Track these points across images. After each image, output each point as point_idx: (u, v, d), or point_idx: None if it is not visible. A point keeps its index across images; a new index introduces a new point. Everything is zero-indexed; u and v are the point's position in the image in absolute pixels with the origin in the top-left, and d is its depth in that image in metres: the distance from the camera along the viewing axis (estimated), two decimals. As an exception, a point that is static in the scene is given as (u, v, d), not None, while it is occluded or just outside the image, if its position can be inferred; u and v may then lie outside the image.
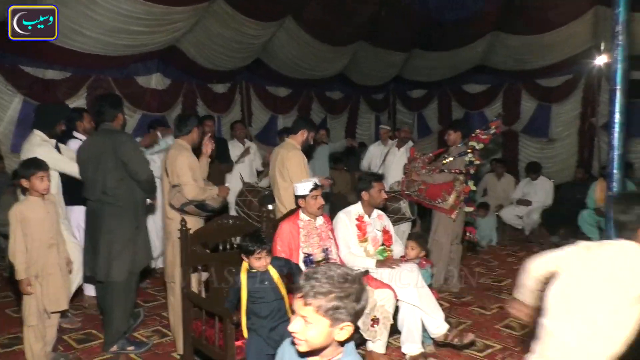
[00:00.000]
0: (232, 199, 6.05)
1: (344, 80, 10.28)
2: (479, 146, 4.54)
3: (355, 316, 1.37)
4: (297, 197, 3.36)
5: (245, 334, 2.61)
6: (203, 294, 3.11)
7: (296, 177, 3.71)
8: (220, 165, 5.87)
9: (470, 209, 4.59)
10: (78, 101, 6.87)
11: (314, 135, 4.24)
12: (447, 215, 4.67)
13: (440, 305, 4.41)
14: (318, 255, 3.30)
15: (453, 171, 4.57)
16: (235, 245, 3.20)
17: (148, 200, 3.66)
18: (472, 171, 4.59)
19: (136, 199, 3.42)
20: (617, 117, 3.57)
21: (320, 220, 3.41)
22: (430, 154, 5.00)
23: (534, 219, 6.97)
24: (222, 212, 3.98)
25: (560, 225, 7.00)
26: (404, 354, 3.36)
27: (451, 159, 4.62)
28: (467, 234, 4.64)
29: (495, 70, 9.78)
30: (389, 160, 6.22)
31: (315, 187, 3.30)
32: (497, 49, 9.08)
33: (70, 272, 3.36)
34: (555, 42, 8.25)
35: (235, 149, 6.43)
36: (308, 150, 4.34)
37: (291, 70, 8.88)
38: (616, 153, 3.59)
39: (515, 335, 3.83)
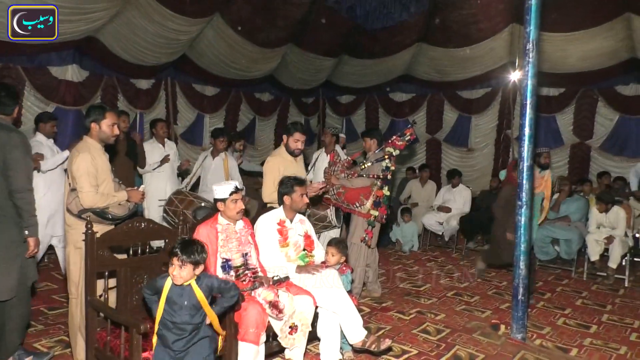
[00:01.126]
0: (152, 204, 5.78)
1: (273, 82, 10.20)
2: (395, 152, 4.65)
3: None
4: (215, 201, 3.24)
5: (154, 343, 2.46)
6: (110, 302, 2.91)
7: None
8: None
9: (375, 212, 4.66)
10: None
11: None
12: (364, 219, 4.72)
13: (361, 310, 4.49)
14: (237, 261, 3.20)
15: (371, 176, 4.64)
16: (147, 251, 3.03)
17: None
18: (388, 177, 4.68)
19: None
20: (527, 130, 3.77)
21: (240, 224, 3.31)
22: (348, 158, 5.08)
23: (452, 225, 7.24)
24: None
25: (477, 232, 7.32)
26: (322, 361, 3.33)
27: (369, 164, 4.69)
28: (364, 235, 4.71)
29: (419, 80, 10.13)
30: (318, 167, 6.20)
31: (236, 190, 3.20)
32: (421, 59, 9.40)
33: None
34: (474, 56, 8.67)
35: (155, 150, 5.94)
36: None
37: (219, 69, 8.67)
38: (525, 164, 3.79)
39: (431, 340, 3.92)
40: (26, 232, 2.97)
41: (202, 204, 4.66)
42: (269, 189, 4.18)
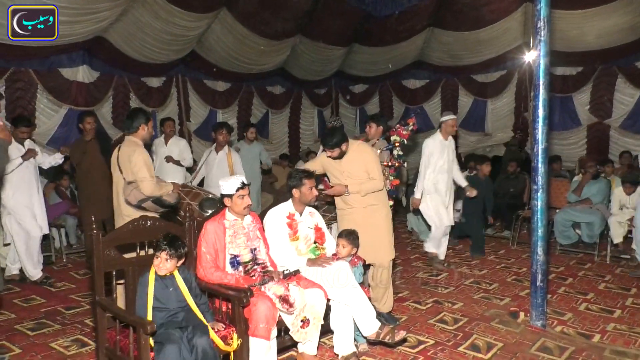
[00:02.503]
0: None
1: (285, 75, 10.14)
2: (400, 141, 4.53)
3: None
4: (222, 196, 3.20)
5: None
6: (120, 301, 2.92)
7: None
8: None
9: (390, 202, 4.57)
10: (-5, 94, 6.40)
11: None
12: None
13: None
14: (245, 256, 3.17)
15: (385, 164, 4.53)
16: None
17: None
18: (404, 165, 4.60)
19: None
20: (541, 111, 3.65)
21: (247, 219, 3.27)
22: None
23: (471, 212, 7.09)
24: (176, 208, 3.96)
25: (495, 218, 7.19)
26: (337, 354, 3.29)
27: (379, 151, 4.57)
28: None
29: (433, 66, 9.96)
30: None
31: (243, 186, 3.16)
32: (433, 45, 9.24)
33: None
34: (488, 38, 8.48)
35: (159, 148, 6.07)
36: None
37: (229, 64, 8.65)
38: (540, 147, 3.67)
39: (447, 330, 3.85)
40: None
41: (210, 195, 4.62)
42: None
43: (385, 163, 4.53)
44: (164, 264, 2.64)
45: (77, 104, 7.13)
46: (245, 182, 3.21)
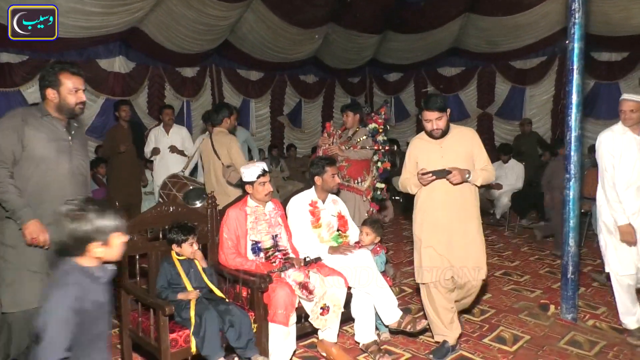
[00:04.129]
0: (157, 189, 5.72)
1: (318, 64, 10.11)
2: (383, 128, 4.55)
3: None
4: (244, 183, 3.23)
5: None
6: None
7: None
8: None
9: (382, 185, 4.53)
10: (36, 86, 6.63)
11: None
12: (362, 198, 4.50)
13: (402, 290, 4.41)
14: (266, 243, 3.20)
15: (375, 147, 4.50)
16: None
17: None
18: (388, 149, 4.61)
19: None
20: (574, 97, 3.50)
21: (269, 206, 3.30)
22: (339, 131, 4.77)
23: (504, 203, 6.92)
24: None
25: (529, 208, 6.97)
26: (358, 342, 3.28)
27: (364, 137, 4.51)
28: (371, 209, 4.54)
29: (469, 53, 9.71)
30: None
31: (263, 173, 3.18)
32: (469, 31, 8.99)
33: None
34: (527, 23, 8.18)
35: (159, 137, 5.90)
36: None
37: (262, 53, 8.69)
38: (573, 134, 3.53)
39: (473, 321, 3.77)
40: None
41: (196, 186, 4.67)
42: None
43: (376, 146, 4.50)
44: (194, 248, 2.87)
45: (114, 93, 7.33)
46: (267, 169, 3.23)
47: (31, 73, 6.55)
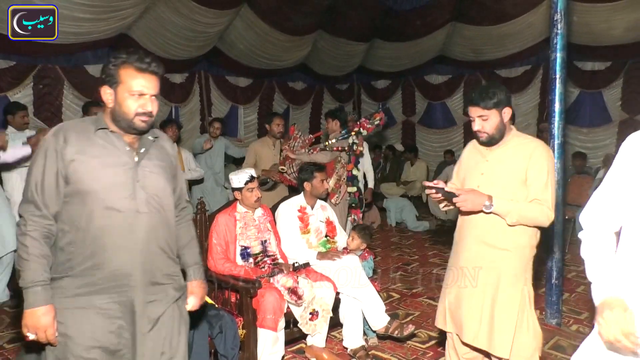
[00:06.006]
0: None
1: (306, 71, 10.15)
2: (363, 132, 4.49)
3: None
4: (233, 190, 3.26)
5: None
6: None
7: None
8: None
9: (353, 189, 4.53)
10: (24, 91, 6.61)
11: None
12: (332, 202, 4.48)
13: (390, 296, 4.45)
14: (255, 248, 3.22)
15: (335, 149, 4.49)
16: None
17: None
18: (357, 153, 4.51)
19: None
20: (557, 105, 3.58)
21: (259, 211, 3.32)
22: (311, 136, 4.82)
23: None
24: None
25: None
26: (346, 348, 3.31)
27: (334, 141, 4.52)
28: (352, 216, 4.56)
29: (455, 61, 9.83)
30: None
31: (251, 179, 3.21)
32: (455, 39, 9.10)
33: None
34: (511, 32, 8.31)
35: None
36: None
37: (251, 60, 8.71)
38: (556, 142, 3.61)
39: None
40: None
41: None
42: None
43: (338, 148, 4.50)
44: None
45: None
46: (254, 175, 3.26)
47: (18, 78, 6.50)
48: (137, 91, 1.74)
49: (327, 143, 4.54)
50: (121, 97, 1.74)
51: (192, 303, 1.95)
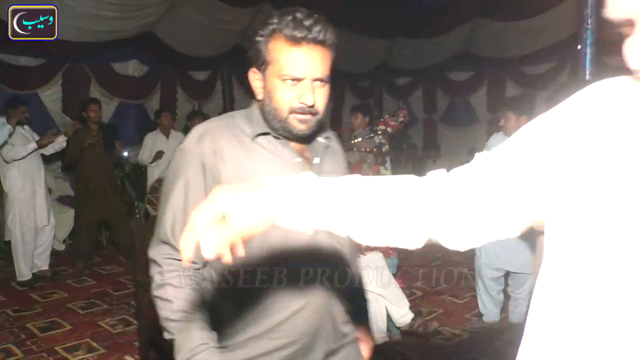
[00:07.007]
0: None
1: (328, 68, 10.14)
2: (388, 130, 4.40)
3: None
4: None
5: None
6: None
7: None
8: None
9: None
10: (53, 88, 6.77)
11: None
12: None
13: (413, 294, 4.44)
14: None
15: (362, 150, 4.40)
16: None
17: None
18: (384, 151, 4.41)
19: None
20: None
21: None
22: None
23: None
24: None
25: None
26: (369, 343, 3.32)
27: (360, 139, 4.43)
28: None
29: (479, 58, 9.71)
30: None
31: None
32: (479, 36, 9.00)
33: None
34: (537, 28, 8.17)
35: (156, 142, 5.95)
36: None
37: (273, 58, 8.75)
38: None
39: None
40: None
41: None
42: None
43: (365, 149, 4.43)
44: None
45: (127, 97, 7.43)
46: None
47: (48, 76, 6.66)
48: (289, 75, 1.21)
49: (353, 141, 4.46)
50: (271, 85, 1.24)
51: None
